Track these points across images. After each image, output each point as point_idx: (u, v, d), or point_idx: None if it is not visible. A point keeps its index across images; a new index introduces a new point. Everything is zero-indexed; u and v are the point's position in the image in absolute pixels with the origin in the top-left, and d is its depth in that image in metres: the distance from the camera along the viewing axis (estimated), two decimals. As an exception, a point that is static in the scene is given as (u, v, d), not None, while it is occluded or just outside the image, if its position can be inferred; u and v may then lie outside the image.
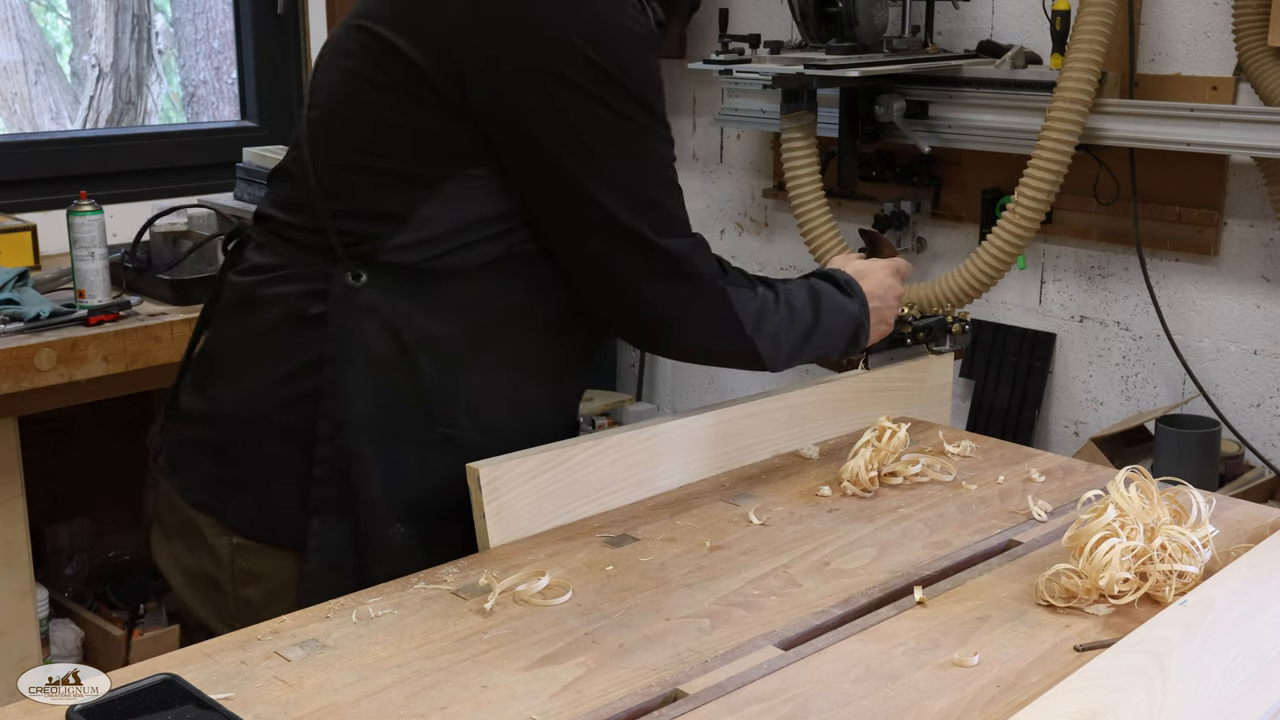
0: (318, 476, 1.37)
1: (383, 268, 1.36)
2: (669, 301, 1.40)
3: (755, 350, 1.47)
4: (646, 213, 1.36)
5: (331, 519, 1.37)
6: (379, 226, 1.36)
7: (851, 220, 3.48)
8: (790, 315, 1.50)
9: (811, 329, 1.52)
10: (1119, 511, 1.30)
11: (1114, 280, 3.15)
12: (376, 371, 1.37)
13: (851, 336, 1.59)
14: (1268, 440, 2.94)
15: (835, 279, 1.59)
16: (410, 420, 1.38)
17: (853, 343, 1.59)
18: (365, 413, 1.36)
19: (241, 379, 1.44)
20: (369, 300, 1.36)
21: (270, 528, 1.41)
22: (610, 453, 1.51)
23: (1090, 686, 1.07)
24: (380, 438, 1.37)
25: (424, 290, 1.37)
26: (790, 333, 1.50)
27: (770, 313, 1.47)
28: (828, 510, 1.53)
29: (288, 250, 1.43)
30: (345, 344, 1.37)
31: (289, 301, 1.40)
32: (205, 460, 1.46)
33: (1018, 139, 2.99)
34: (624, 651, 1.19)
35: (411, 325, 1.37)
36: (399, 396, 1.38)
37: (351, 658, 1.17)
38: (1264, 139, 2.65)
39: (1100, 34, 2.75)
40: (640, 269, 1.38)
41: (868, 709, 1.09)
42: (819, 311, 1.53)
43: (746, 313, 1.45)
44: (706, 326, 1.44)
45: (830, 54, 2.96)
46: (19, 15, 4.11)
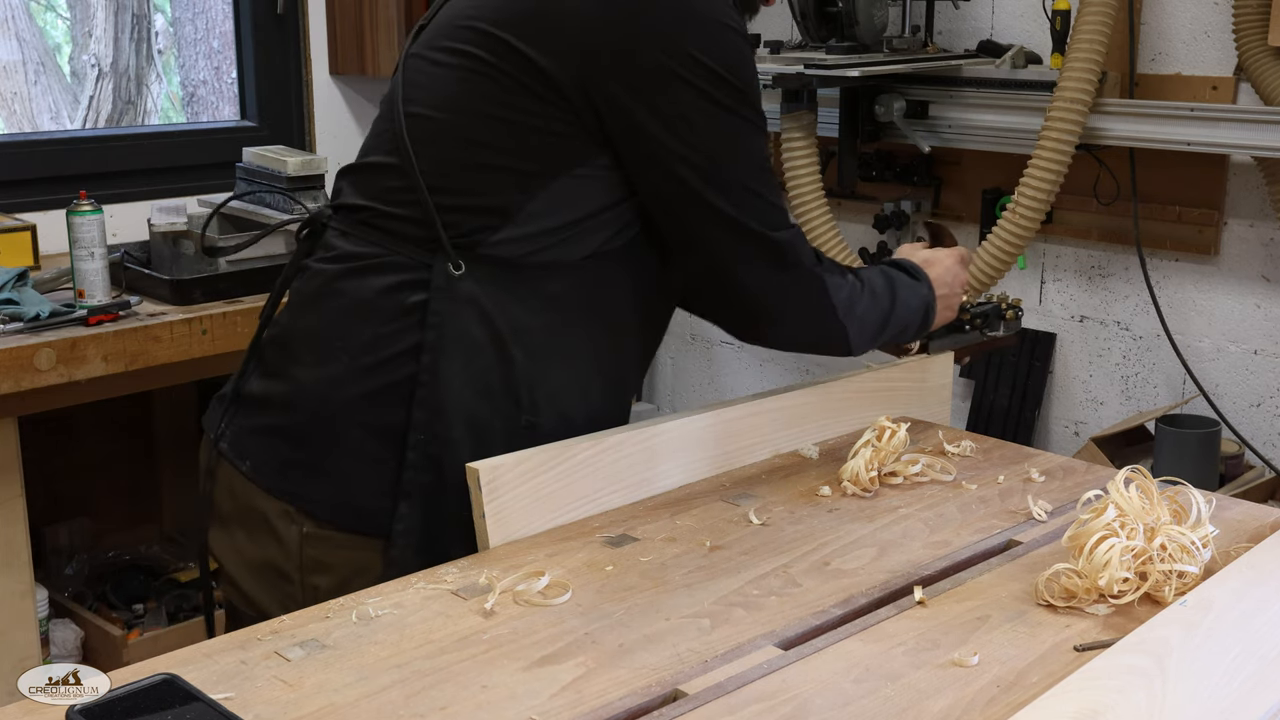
0: (410, 462, 1.40)
1: (482, 259, 1.40)
2: (773, 289, 1.47)
3: (846, 335, 1.55)
4: (753, 205, 1.43)
5: (419, 504, 1.40)
6: (484, 220, 1.40)
7: (851, 220, 3.48)
8: (873, 300, 1.57)
9: (889, 313, 1.60)
10: (1119, 511, 1.30)
11: (1114, 280, 3.14)
12: (472, 360, 1.40)
13: (922, 321, 1.66)
14: (1268, 440, 2.94)
15: (904, 266, 1.67)
16: (500, 408, 1.42)
17: (922, 327, 1.68)
18: (460, 400, 1.40)
19: (328, 364, 1.45)
20: (468, 290, 1.40)
21: (351, 513, 1.42)
22: (610, 453, 1.51)
23: (1090, 686, 1.07)
24: (473, 425, 1.41)
25: (520, 282, 1.41)
26: (874, 316, 1.58)
27: (858, 298, 1.55)
28: (828, 510, 1.53)
29: (383, 239, 1.45)
30: (444, 332, 1.40)
31: (386, 289, 1.43)
32: (283, 446, 1.47)
33: (1018, 139, 2.99)
34: (624, 651, 1.19)
35: (507, 316, 1.41)
36: (491, 385, 1.42)
37: (351, 658, 1.17)
38: (1264, 139, 2.65)
39: (1100, 34, 2.75)
40: (749, 259, 1.45)
41: (868, 709, 1.09)
42: (895, 296, 1.61)
43: (840, 299, 1.52)
44: (806, 313, 1.52)
45: (830, 54, 2.97)
46: (19, 15, 4.11)
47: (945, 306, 1.70)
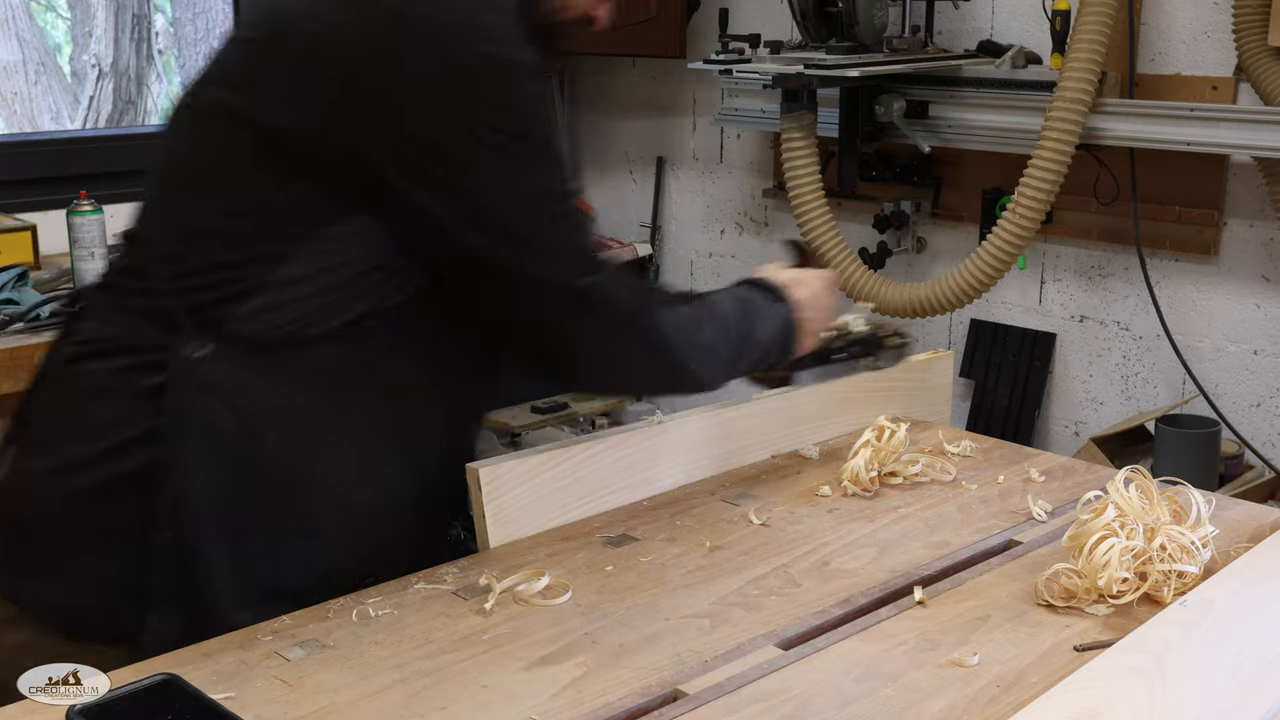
0: (155, 564, 1.25)
1: (229, 338, 1.25)
2: (582, 339, 1.31)
3: (688, 370, 1.38)
4: (531, 248, 1.26)
5: (170, 610, 1.25)
6: (229, 294, 1.26)
7: (851, 220, 3.48)
8: (721, 326, 1.41)
9: (745, 339, 1.45)
10: (1119, 511, 1.30)
11: (1114, 280, 3.14)
12: (218, 449, 1.25)
13: (782, 345, 1.50)
14: (1268, 440, 2.94)
15: (762, 285, 1.52)
16: (254, 500, 1.27)
17: (784, 351, 1.52)
18: (205, 494, 1.25)
19: (57, 451, 1.30)
20: (211, 374, 1.25)
21: (86, 616, 1.27)
22: (610, 453, 1.51)
23: (1090, 686, 1.07)
24: (223, 520, 1.25)
25: (273, 360, 1.26)
26: (723, 345, 1.42)
27: (698, 328, 1.38)
28: (828, 510, 1.53)
29: (125, 320, 1.30)
30: (183, 419, 1.25)
31: (121, 372, 1.28)
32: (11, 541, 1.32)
33: (1018, 139, 2.99)
34: (624, 651, 1.19)
35: (257, 399, 1.26)
36: (242, 475, 1.26)
37: (351, 658, 1.17)
38: (1264, 139, 2.65)
39: (1100, 34, 2.75)
40: (541, 311, 1.29)
41: (868, 709, 1.09)
42: (749, 321, 1.45)
43: (672, 334, 1.35)
44: (627, 356, 1.35)
45: (830, 54, 2.96)
46: (19, 15, 4.11)
47: (810, 332, 1.54)
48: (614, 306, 1.31)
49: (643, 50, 3.83)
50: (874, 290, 3.12)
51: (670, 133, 4.06)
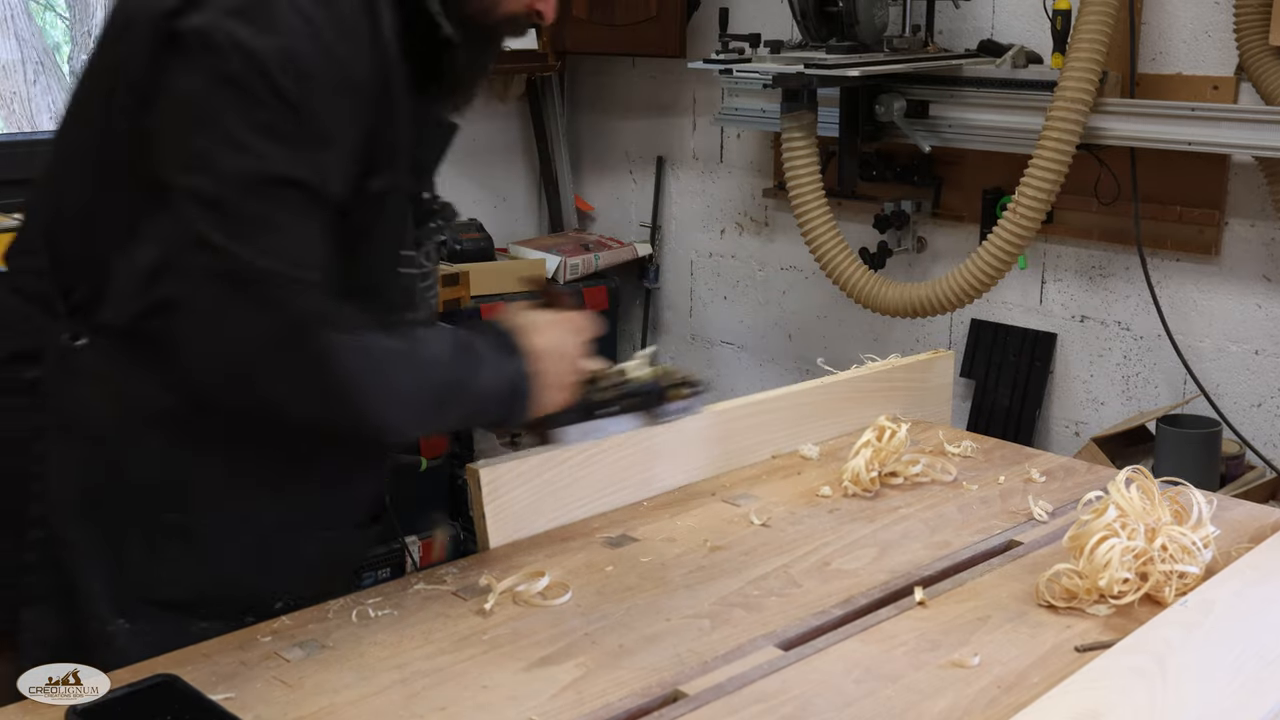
0: (28, 563, 1.20)
1: (103, 329, 1.19)
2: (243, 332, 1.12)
3: (361, 409, 1.17)
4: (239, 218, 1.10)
5: (47, 611, 1.21)
6: (96, 273, 1.18)
7: (851, 220, 3.48)
8: (422, 370, 1.22)
9: (453, 388, 1.24)
10: (1119, 512, 1.30)
11: (1115, 280, 3.14)
12: (94, 447, 1.20)
13: (509, 399, 1.28)
14: (1269, 440, 2.94)
15: (493, 330, 1.31)
16: (133, 503, 1.21)
17: (513, 406, 1.29)
18: (79, 493, 1.20)
19: None
20: (89, 364, 1.19)
21: None
22: (610, 453, 1.51)
23: (1091, 687, 1.07)
24: (97, 522, 1.20)
25: (152, 356, 1.17)
26: (421, 391, 1.22)
27: (391, 365, 1.18)
28: (828, 510, 1.53)
29: (15, 303, 1.24)
30: (60, 414, 1.20)
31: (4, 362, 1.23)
32: None
33: (1018, 139, 2.98)
34: (624, 652, 1.19)
35: (136, 394, 1.19)
36: (120, 475, 1.20)
37: (351, 658, 1.17)
38: (1265, 138, 2.65)
39: (1101, 33, 2.74)
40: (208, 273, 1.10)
41: (868, 709, 1.09)
42: (465, 367, 1.25)
43: (348, 363, 1.15)
44: (287, 372, 1.14)
45: (830, 53, 2.96)
46: (18, 15, 4.11)
47: (550, 384, 1.30)
48: (288, 308, 1.12)
49: (643, 50, 3.83)
50: (874, 290, 3.12)
51: (670, 133, 4.06)
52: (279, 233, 1.12)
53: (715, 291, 4.01)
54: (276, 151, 1.11)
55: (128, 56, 1.17)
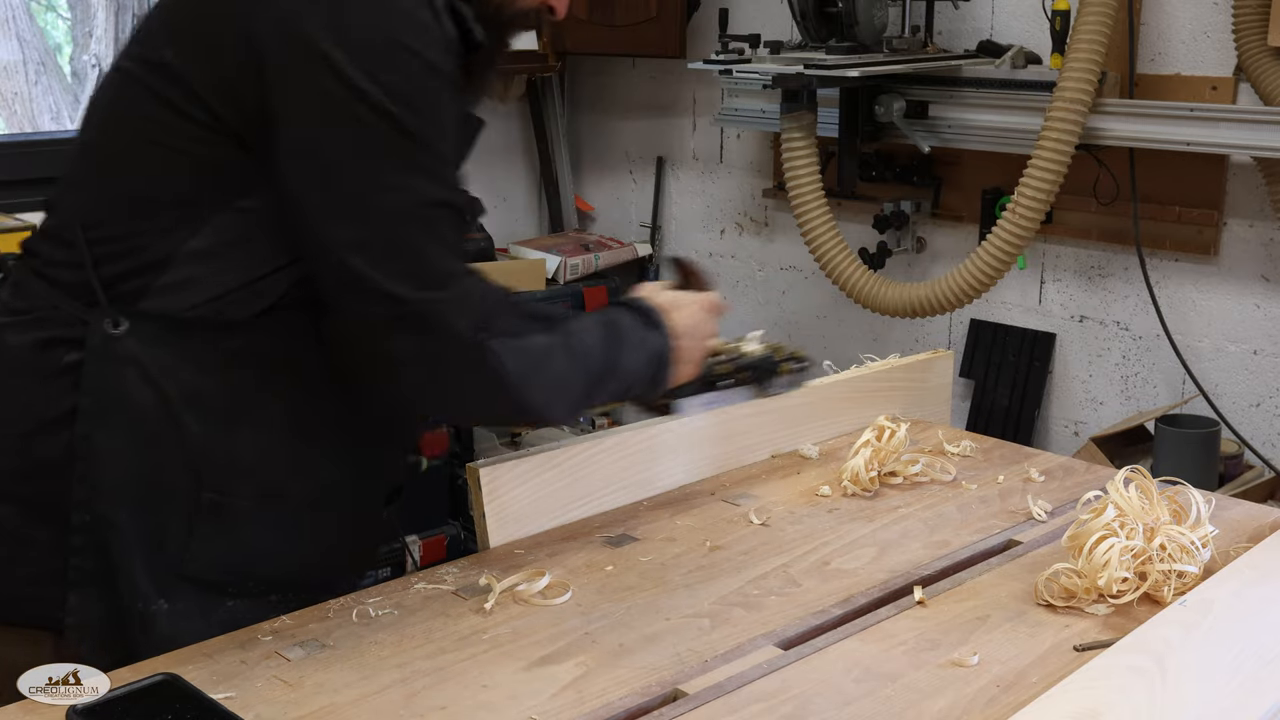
0: (74, 546, 1.23)
1: (145, 315, 1.22)
2: (412, 356, 1.21)
3: (528, 403, 1.27)
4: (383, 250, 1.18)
5: (91, 593, 1.23)
6: (144, 265, 1.23)
7: (851, 220, 3.48)
8: (576, 359, 1.31)
9: (605, 370, 1.34)
10: (1118, 511, 1.30)
11: (1114, 280, 3.14)
12: (135, 429, 1.23)
13: (652, 374, 1.39)
14: (1267, 440, 2.94)
15: (638, 308, 1.40)
16: (175, 485, 1.24)
17: (655, 381, 1.40)
18: (123, 475, 1.23)
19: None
20: (129, 350, 1.22)
21: (7, 602, 1.26)
22: (610, 453, 1.51)
23: (1090, 686, 1.07)
24: (140, 503, 1.23)
25: (190, 339, 1.23)
26: (576, 378, 1.31)
27: (547, 360, 1.28)
28: (828, 510, 1.53)
29: (43, 291, 1.27)
30: (102, 398, 1.22)
31: (38, 347, 1.25)
32: None
33: (1018, 139, 2.98)
34: (624, 651, 1.19)
35: (176, 378, 1.23)
36: (160, 457, 1.23)
37: (351, 657, 1.17)
38: (1264, 139, 2.65)
39: (1100, 34, 2.75)
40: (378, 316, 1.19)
41: (867, 709, 1.09)
42: (614, 349, 1.34)
43: (514, 367, 1.24)
44: (463, 384, 1.25)
45: (830, 54, 2.96)
46: (19, 15, 4.11)
47: (687, 359, 1.42)
48: (452, 331, 1.21)
49: (643, 50, 3.83)
50: (874, 290, 3.12)
51: (670, 133, 4.06)
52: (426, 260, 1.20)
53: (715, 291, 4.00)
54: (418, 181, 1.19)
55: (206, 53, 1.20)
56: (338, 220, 1.18)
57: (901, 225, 3.38)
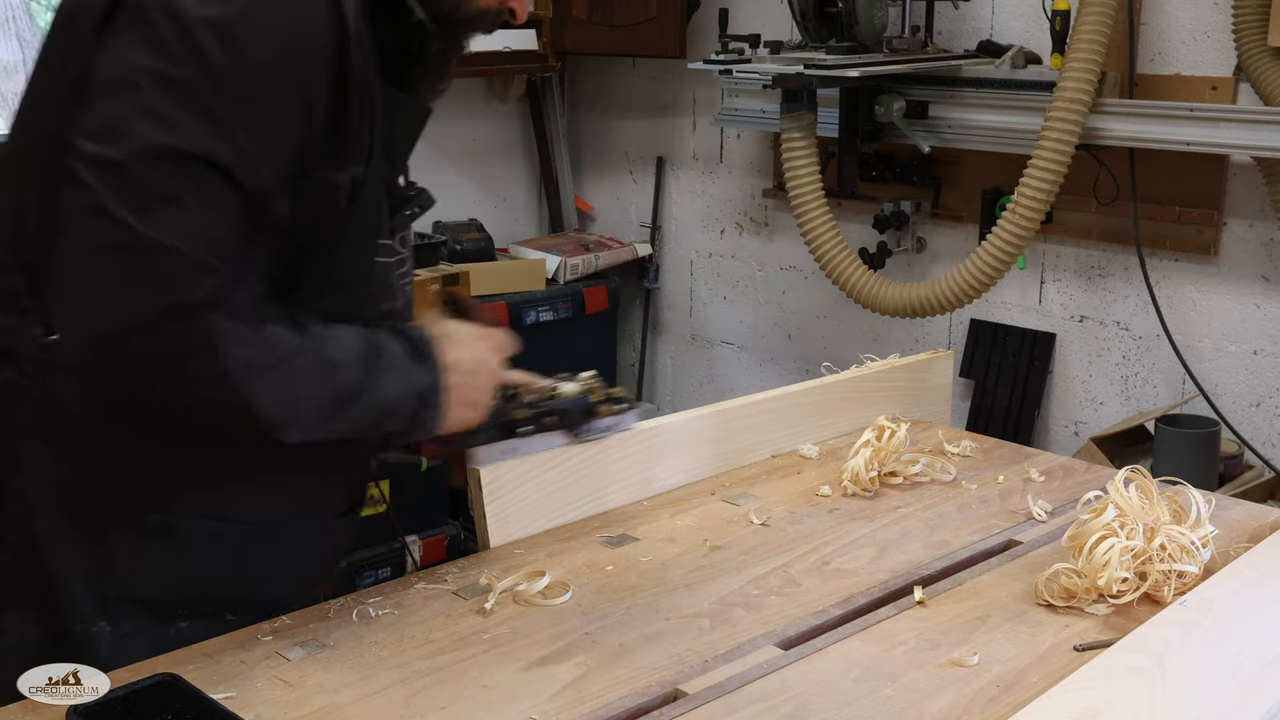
0: (7, 565, 1.18)
1: None
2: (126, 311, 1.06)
3: (245, 402, 1.12)
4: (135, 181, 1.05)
5: (28, 615, 1.19)
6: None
7: (851, 220, 3.48)
8: (324, 369, 1.17)
9: (353, 392, 1.18)
10: (1118, 511, 1.30)
11: (1114, 280, 3.14)
12: (71, 444, 1.17)
13: (413, 412, 1.24)
14: (1267, 440, 2.94)
15: (409, 336, 1.26)
16: (115, 501, 1.18)
17: (416, 421, 1.25)
18: (59, 492, 1.17)
19: None
20: (61, 360, 1.13)
21: None
22: (610, 453, 1.51)
23: (1090, 686, 1.07)
24: (78, 521, 1.18)
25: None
26: (316, 390, 1.17)
27: (283, 360, 1.14)
28: (828, 510, 1.53)
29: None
30: (34, 412, 1.16)
31: None
32: None
33: (1018, 139, 2.98)
34: (624, 651, 1.19)
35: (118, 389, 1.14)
36: (99, 473, 1.17)
37: (351, 657, 1.17)
38: (1264, 139, 2.65)
39: (1100, 34, 2.75)
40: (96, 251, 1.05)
41: (868, 709, 1.09)
42: (370, 371, 1.20)
43: (238, 353, 1.10)
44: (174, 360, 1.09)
45: (830, 54, 2.96)
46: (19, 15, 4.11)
47: (462, 401, 1.27)
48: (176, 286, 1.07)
49: (643, 50, 3.83)
50: (874, 290, 3.12)
51: (670, 133, 4.06)
52: (184, 211, 1.06)
53: (715, 291, 4.01)
54: (196, 126, 1.06)
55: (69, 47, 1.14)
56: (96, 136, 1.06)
57: (901, 225, 3.38)
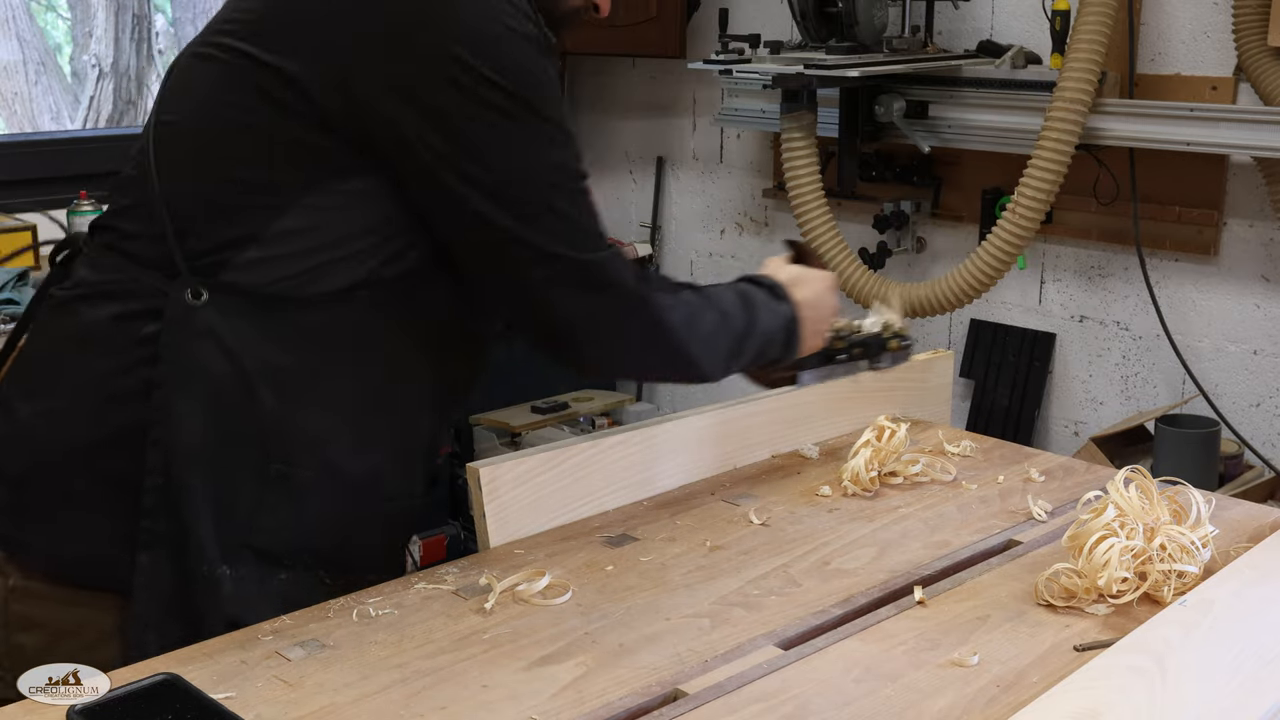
0: (146, 508, 1.26)
1: (227, 287, 1.25)
2: (584, 314, 1.31)
3: (690, 356, 1.38)
4: (551, 224, 1.27)
5: (161, 555, 1.26)
6: (228, 240, 1.26)
7: (851, 220, 3.49)
8: (722, 319, 1.42)
9: (744, 333, 1.44)
10: (1118, 511, 1.30)
11: (1114, 280, 3.15)
12: (211, 398, 1.26)
13: (784, 343, 1.50)
14: (1267, 440, 2.94)
15: (764, 283, 1.51)
16: (245, 455, 1.27)
17: (787, 346, 1.50)
18: (196, 442, 1.26)
19: (51, 400, 1.31)
20: (208, 322, 1.25)
21: (73, 564, 1.29)
22: (610, 453, 1.51)
23: (1090, 686, 1.07)
24: (213, 471, 1.26)
25: (270, 315, 1.26)
26: (723, 337, 1.42)
27: (700, 316, 1.39)
28: (828, 510, 1.53)
29: (121, 264, 1.30)
30: (179, 368, 1.25)
31: (116, 318, 1.28)
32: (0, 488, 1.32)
33: (1018, 139, 2.99)
34: (624, 651, 1.19)
35: (254, 352, 1.26)
36: (233, 427, 1.27)
37: (351, 657, 1.17)
38: (1264, 139, 2.65)
39: (1100, 34, 2.75)
40: (550, 283, 1.29)
41: (868, 709, 1.09)
42: (751, 312, 1.45)
43: (674, 318, 1.36)
44: (635, 337, 1.35)
45: (830, 54, 2.97)
46: (19, 15, 4.11)
47: (813, 331, 1.53)
48: (619, 285, 1.32)
49: (643, 50, 3.83)
50: (874, 290, 3.12)
51: (670, 133, 4.06)
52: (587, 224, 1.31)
53: (715, 292, 4.01)
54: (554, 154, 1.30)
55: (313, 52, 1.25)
56: (491, 199, 1.25)
57: (901, 225, 3.38)
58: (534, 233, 1.26)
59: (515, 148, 1.26)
